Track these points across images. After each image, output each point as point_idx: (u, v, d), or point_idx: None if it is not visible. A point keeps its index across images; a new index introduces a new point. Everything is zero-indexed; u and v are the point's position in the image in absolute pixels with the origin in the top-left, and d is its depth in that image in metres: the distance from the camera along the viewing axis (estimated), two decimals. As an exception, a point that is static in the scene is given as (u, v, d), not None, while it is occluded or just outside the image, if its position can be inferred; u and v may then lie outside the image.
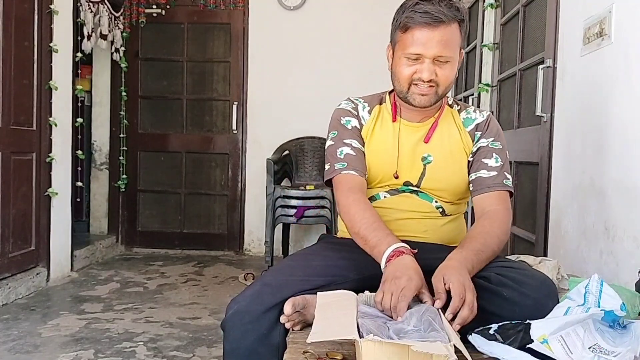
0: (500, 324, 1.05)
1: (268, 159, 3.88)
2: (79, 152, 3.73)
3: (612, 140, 1.79)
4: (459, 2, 1.37)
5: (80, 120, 3.73)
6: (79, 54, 3.66)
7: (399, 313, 1.08)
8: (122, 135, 4.49)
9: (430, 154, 1.44)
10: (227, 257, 4.43)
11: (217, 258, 4.37)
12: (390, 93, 1.51)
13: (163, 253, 4.51)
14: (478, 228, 1.34)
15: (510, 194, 1.43)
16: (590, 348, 0.95)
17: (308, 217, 3.71)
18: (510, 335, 1.00)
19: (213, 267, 4.07)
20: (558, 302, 1.14)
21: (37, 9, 3.26)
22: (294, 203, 3.70)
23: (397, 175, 1.44)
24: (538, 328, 0.98)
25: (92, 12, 3.84)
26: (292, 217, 3.72)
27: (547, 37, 2.35)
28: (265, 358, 1.24)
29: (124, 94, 4.46)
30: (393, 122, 1.47)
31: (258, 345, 1.23)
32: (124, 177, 4.51)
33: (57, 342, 2.50)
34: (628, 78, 1.70)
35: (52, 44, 3.35)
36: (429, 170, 1.43)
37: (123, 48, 4.38)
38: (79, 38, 3.67)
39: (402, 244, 1.23)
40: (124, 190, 4.54)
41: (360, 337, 0.95)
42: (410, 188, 1.45)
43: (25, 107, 3.22)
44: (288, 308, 1.18)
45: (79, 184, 3.75)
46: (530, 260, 1.53)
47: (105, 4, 4.04)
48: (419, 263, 1.21)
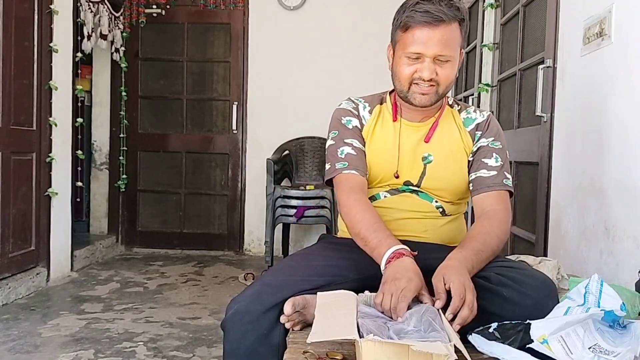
0: (500, 324, 1.05)
1: (268, 159, 3.88)
2: (79, 152, 3.73)
3: (612, 140, 1.79)
4: (459, 2, 1.37)
5: (80, 120, 3.73)
6: (79, 54, 3.67)
7: (399, 314, 1.08)
8: (122, 135, 4.49)
9: (431, 154, 1.44)
10: (227, 257, 4.43)
11: (217, 258, 4.37)
12: (391, 93, 1.51)
13: (163, 253, 4.51)
14: (478, 228, 1.34)
15: (510, 194, 1.43)
16: (590, 348, 0.95)
17: (308, 217, 3.71)
18: (510, 335, 1.00)
19: (213, 267, 4.07)
20: (558, 302, 1.14)
21: (37, 9, 3.26)
22: (294, 203, 3.70)
23: (397, 175, 1.44)
24: (538, 328, 0.98)
25: (92, 12, 3.84)
26: (292, 217, 3.72)
27: (547, 37, 2.35)
28: (265, 358, 1.24)
29: (124, 94, 4.46)
30: (394, 121, 1.47)
31: (258, 345, 1.23)
32: (124, 177, 4.51)
33: (57, 342, 2.50)
34: (628, 78, 1.70)
35: (52, 44, 3.36)
36: (430, 170, 1.43)
37: (123, 48, 4.38)
38: (79, 38, 3.68)
39: (402, 246, 1.23)
40: (124, 190, 4.54)
41: (361, 337, 0.95)
42: (411, 188, 1.45)
43: (25, 107, 3.22)
44: (288, 308, 1.18)
45: (79, 184, 3.75)
46: (530, 260, 1.53)
47: (105, 4, 4.04)
48: (419, 263, 1.21)
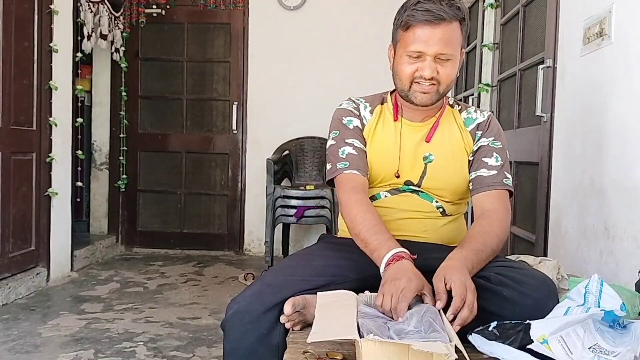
0: (500, 324, 1.04)
1: (268, 159, 3.88)
2: (79, 152, 3.73)
3: (612, 140, 1.79)
4: (460, 1, 1.37)
5: (80, 120, 3.73)
6: (79, 54, 3.66)
7: (400, 314, 1.08)
8: (122, 135, 4.49)
9: (432, 153, 1.44)
10: (227, 257, 4.43)
11: (217, 258, 4.37)
12: (392, 93, 1.51)
13: (163, 253, 4.50)
14: (477, 227, 1.34)
15: (510, 194, 1.43)
16: (590, 348, 0.95)
17: (308, 217, 3.71)
18: (510, 335, 1.00)
19: (213, 267, 4.07)
20: (558, 302, 1.14)
21: (37, 9, 3.25)
22: (294, 203, 3.70)
23: (398, 175, 1.44)
24: (538, 328, 0.98)
25: (92, 12, 3.84)
26: (292, 217, 3.72)
27: (547, 37, 2.35)
28: (265, 358, 1.24)
29: (124, 94, 4.46)
30: (394, 121, 1.47)
31: (258, 345, 1.23)
32: (124, 177, 4.51)
33: (57, 342, 2.50)
34: (628, 78, 1.70)
35: (52, 44, 3.35)
36: (430, 170, 1.44)
37: (123, 48, 4.37)
38: (79, 38, 3.67)
39: (401, 249, 1.23)
40: (124, 190, 4.54)
41: (361, 337, 0.95)
42: (411, 188, 1.45)
43: (25, 107, 3.22)
44: (288, 308, 1.18)
45: (79, 184, 3.75)
46: (530, 260, 1.53)
47: (105, 4, 4.04)
48: (419, 263, 1.21)
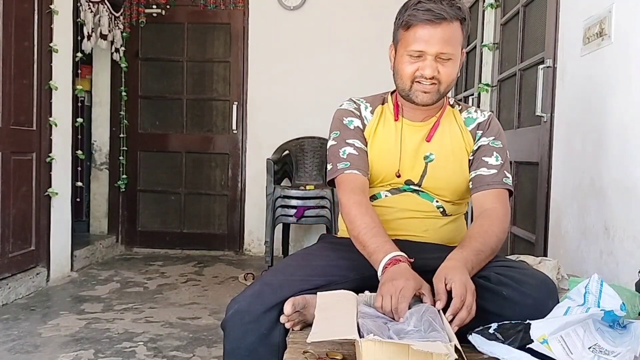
0: (500, 324, 1.04)
1: (268, 159, 3.88)
2: (79, 152, 3.73)
3: (612, 140, 1.79)
4: (460, 1, 1.38)
5: (80, 120, 3.73)
6: (79, 54, 3.66)
7: (401, 314, 1.07)
8: (122, 135, 4.49)
9: (432, 153, 1.44)
10: (227, 257, 4.43)
11: (217, 258, 4.37)
12: (392, 93, 1.51)
13: (163, 253, 4.50)
14: (477, 227, 1.34)
15: (510, 193, 1.43)
16: (590, 348, 0.95)
17: (308, 217, 3.71)
18: (510, 335, 1.00)
19: (213, 267, 4.07)
20: (558, 302, 1.14)
21: (37, 9, 3.25)
22: (294, 203, 3.70)
23: (399, 174, 1.44)
24: (538, 328, 0.98)
25: (92, 12, 3.84)
26: (292, 217, 3.72)
27: (547, 37, 2.35)
28: (265, 358, 1.24)
29: (124, 94, 4.46)
30: (395, 121, 1.47)
31: (258, 345, 1.24)
32: (124, 177, 4.51)
33: (57, 342, 2.50)
34: (628, 78, 1.70)
35: (52, 44, 3.35)
36: (431, 169, 1.44)
37: (123, 48, 4.37)
38: (79, 38, 3.67)
39: (399, 253, 1.22)
40: (124, 190, 4.54)
41: (361, 337, 0.95)
42: (412, 187, 1.45)
43: (25, 107, 3.22)
44: (288, 308, 1.18)
45: (79, 184, 3.75)
46: (530, 260, 1.53)
47: (105, 4, 4.04)
48: (419, 262, 1.22)
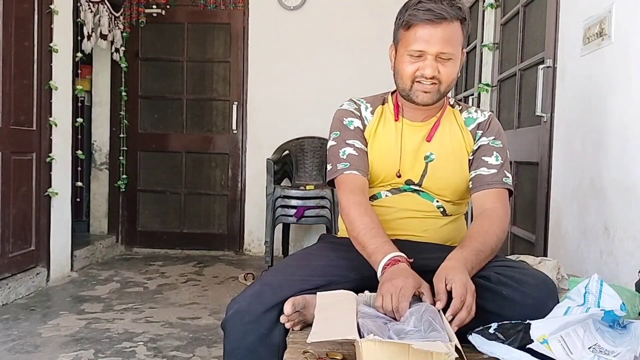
0: (500, 324, 1.04)
1: (268, 159, 3.88)
2: (79, 152, 3.73)
3: (612, 140, 1.79)
4: (460, 1, 1.38)
5: (80, 120, 3.73)
6: (79, 54, 3.66)
7: (402, 313, 1.07)
8: (122, 135, 4.49)
9: (433, 152, 1.44)
10: (227, 257, 4.43)
11: (217, 258, 4.37)
12: (393, 93, 1.51)
13: (163, 253, 4.50)
14: (477, 227, 1.34)
15: (510, 193, 1.43)
16: (590, 348, 0.95)
17: (308, 217, 3.71)
18: (510, 335, 1.00)
19: (213, 267, 4.07)
20: (558, 302, 1.14)
21: (37, 9, 3.25)
22: (294, 203, 3.70)
23: (399, 174, 1.44)
24: (538, 328, 0.98)
25: (92, 12, 3.84)
26: (292, 217, 3.72)
27: (547, 37, 2.35)
28: (265, 358, 1.24)
29: (124, 94, 4.46)
30: (395, 121, 1.47)
31: (258, 345, 1.24)
32: (124, 177, 4.51)
33: (57, 342, 2.50)
34: (628, 78, 1.70)
35: (52, 44, 3.35)
36: (431, 169, 1.44)
37: (123, 48, 4.37)
38: (79, 38, 3.67)
39: (398, 253, 1.22)
40: (124, 190, 4.54)
41: (361, 337, 0.95)
42: (412, 187, 1.45)
43: (25, 107, 3.22)
44: (288, 308, 1.18)
45: (79, 184, 3.75)
46: (530, 260, 1.53)
47: (105, 4, 4.04)
48: (419, 262, 1.22)
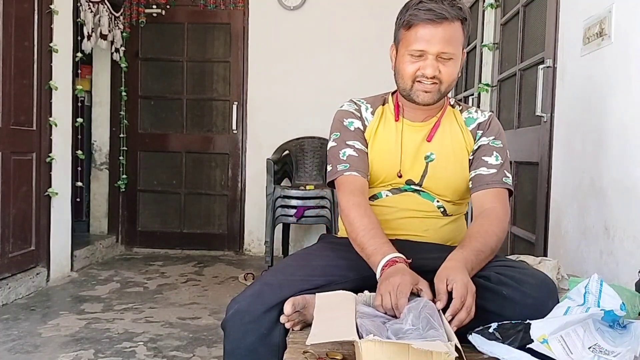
0: (500, 324, 1.04)
1: (268, 159, 3.88)
2: (79, 152, 3.73)
3: (612, 140, 1.79)
4: (461, 2, 1.38)
5: (80, 120, 3.73)
6: (79, 54, 3.67)
7: (401, 309, 1.07)
8: (122, 135, 4.49)
9: (433, 152, 1.44)
10: (227, 257, 4.43)
11: (217, 258, 4.37)
12: (393, 94, 1.51)
13: (163, 253, 4.50)
14: (477, 227, 1.34)
15: (510, 193, 1.43)
16: (590, 348, 0.95)
17: (308, 217, 3.71)
18: (510, 335, 1.00)
19: (213, 267, 4.07)
20: (558, 301, 1.14)
21: (37, 9, 3.25)
22: (294, 203, 3.70)
23: (400, 175, 1.44)
24: (538, 328, 0.98)
25: (92, 12, 3.84)
26: (292, 217, 3.72)
27: (547, 37, 2.35)
28: (266, 358, 1.24)
29: (124, 94, 4.46)
30: (396, 121, 1.47)
31: (258, 345, 1.24)
32: (124, 177, 4.51)
33: (57, 342, 2.50)
34: (628, 78, 1.70)
35: (52, 44, 3.35)
36: (431, 169, 1.44)
37: (123, 48, 4.37)
38: (79, 38, 3.67)
39: (396, 254, 1.22)
40: (124, 190, 4.54)
41: (360, 337, 0.95)
42: (413, 187, 1.45)
43: (25, 107, 3.22)
44: (288, 308, 1.18)
45: (79, 184, 3.75)
46: (530, 260, 1.53)
47: (105, 4, 4.04)
48: (419, 262, 1.22)
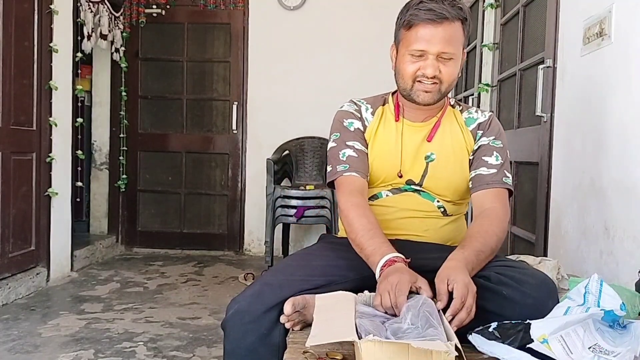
0: (500, 324, 1.04)
1: (268, 159, 3.88)
2: (79, 152, 3.73)
3: (612, 140, 1.79)
4: (461, 2, 1.38)
5: (80, 120, 3.73)
6: (79, 54, 3.67)
7: (401, 307, 1.07)
8: (122, 135, 4.49)
9: (433, 152, 1.44)
10: (227, 257, 4.43)
11: (217, 258, 4.37)
12: (393, 94, 1.51)
13: (163, 253, 4.50)
14: (477, 227, 1.34)
15: (510, 193, 1.43)
16: (590, 348, 0.95)
17: (308, 217, 3.71)
18: (510, 335, 1.00)
19: (213, 267, 4.07)
20: (558, 301, 1.14)
21: (37, 9, 3.25)
22: (294, 203, 3.70)
23: (401, 175, 1.44)
24: (538, 328, 0.98)
25: (92, 12, 3.84)
26: (292, 217, 3.72)
27: (547, 37, 2.35)
28: (266, 358, 1.24)
29: (124, 94, 4.46)
30: (396, 122, 1.47)
31: (258, 345, 1.24)
32: (124, 177, 4.51)
33: (57, 342, 2.50)
34: (628, 78, 1.70)
35: (52, 44, 3.35)
36: (432, 169, 1.44)
37: (123, 48, 4.37)
38: (79, 38, 3.67)
39: (395, 254, 1.22)
40: (124, 190, 4.54)
41: (359, 337, 0.95)
42: (413, 187, 1.45)
43: (25, 107, 3.22)
44: (288, 308, 1.18)
45: (79, 184, 3.75)
46: (530, 260, 1.53)
47: (105, 4, 4.04)
48: (419, 262, 1.22)
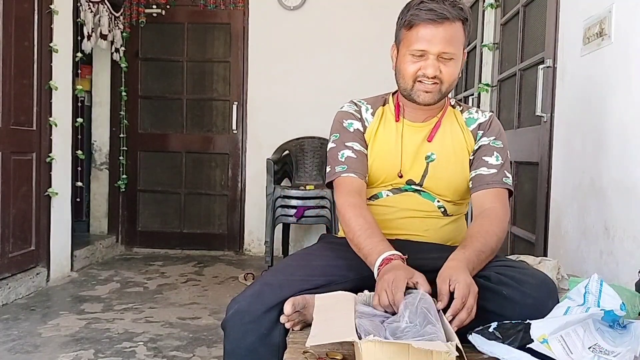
0: (500, 324, 1.04)
1: (268, 159, 3.88)
2: (79, 152, 3.73)
3: (612, 140, 1.79)
4: (462, 2, 1.38)
5: (80, 120, 3.73)
6: (79, 54, 3.67)
7: (398, 304, 1.07)
8: (122, 135, 4.49)
9: (434, 152, 1.44)
10: (227, 257, 4.43)
11: (217, 258, 4.37)
12: (394, 94, 1.52)
13: (163, 253, 4.50)
14: (477, 227, 1.34)
15: (510, 193, 1.43)
16: (590, 348, 0.95)
17: (308, 217, 3.71)
18: (510, 335, 1.00)
19: (213, 267, 4.07)
20: (558, 301, 1.14)
21: (37, 9, 3.25)
22: (294, 203, 3.70)
23: (401, 175, 1.44)
24: (538, 328, 0.98)
25: (92, 12, 3.84)
26: (292, 217, 3.72)
27: (547, 37, 2.35)
28: (266, 358, 1.25)
29: (124, 94, 4.46)
30: (396, 122, 1.47)
31: (258, 345, 1.24)
32: (124, 177, 4.51)
33: (57, 342, 2.50)
34: (628, 78, 1.70)
35: (52, 44, 3.35)
36: (432, 169, 1.44)
37: (123, 48, 4.38)
38: (79, 38, 3.68)
39: (392, 252, 1.23)
40: (124, 190, 4.54)
41: (359, 337, 0.95)
42: (413, 187, 1.45)
43: (25, 107, 3.22)
44: (288, 308, 1.18)
45: (79, 184, 3.75)
46: (530, 260, 1.53)
47: (105, 4, 4.04)
48: (419, 262, 1.22)
